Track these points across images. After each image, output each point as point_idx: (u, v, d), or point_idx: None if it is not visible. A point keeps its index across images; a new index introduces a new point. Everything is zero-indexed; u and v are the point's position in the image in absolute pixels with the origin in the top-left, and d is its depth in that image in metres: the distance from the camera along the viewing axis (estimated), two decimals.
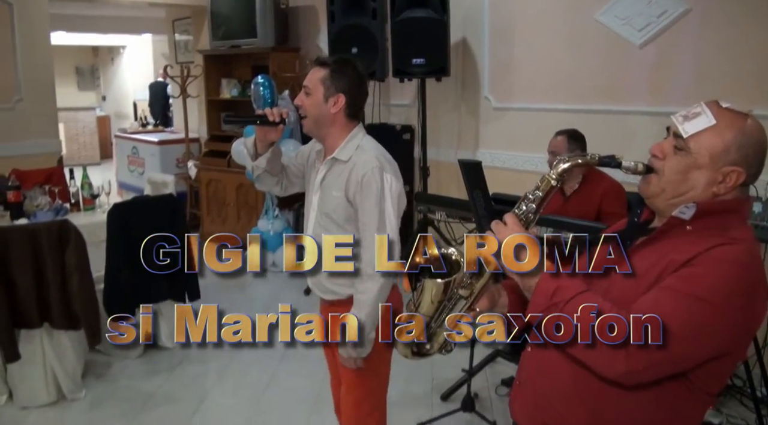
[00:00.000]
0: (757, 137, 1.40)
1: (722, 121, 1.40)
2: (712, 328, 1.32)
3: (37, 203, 4.38)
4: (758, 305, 1.37)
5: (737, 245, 1.36)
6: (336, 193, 2.31)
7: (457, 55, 5.08)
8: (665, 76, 3.96)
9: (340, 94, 2.28)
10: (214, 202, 6.87)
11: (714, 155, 1.40)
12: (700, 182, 1.42)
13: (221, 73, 6.87)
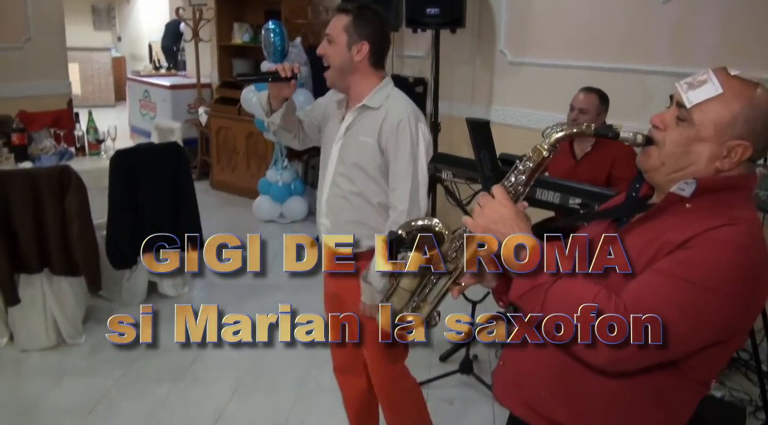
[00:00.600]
0: (766, 108, 1.28)
1: (730, 90, 1.27)
2: (709, 316, 1.22)
3: (42, 147, 4.34)
4: (759, 290, 1.26)
5: (738, 226, 1.25)
6: (366, 138, 2.28)
7: (474, 6, 4.91)
8: (688, 35, 3.80)
9: (364, 41, 2.23)
10: (224, 150, 6.80)
11: (719, 127, 1.28)
12: (702, 156, 1.31)
13: (233, 17, 6.72)
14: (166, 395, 3.33)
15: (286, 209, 5.89)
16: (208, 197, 6.82)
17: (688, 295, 1.21)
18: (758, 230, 1.29)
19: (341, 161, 2.35)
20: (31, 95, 6.04)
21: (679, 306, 1.21)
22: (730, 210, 1.28)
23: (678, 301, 1.21)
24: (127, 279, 4.20)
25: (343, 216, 2.36)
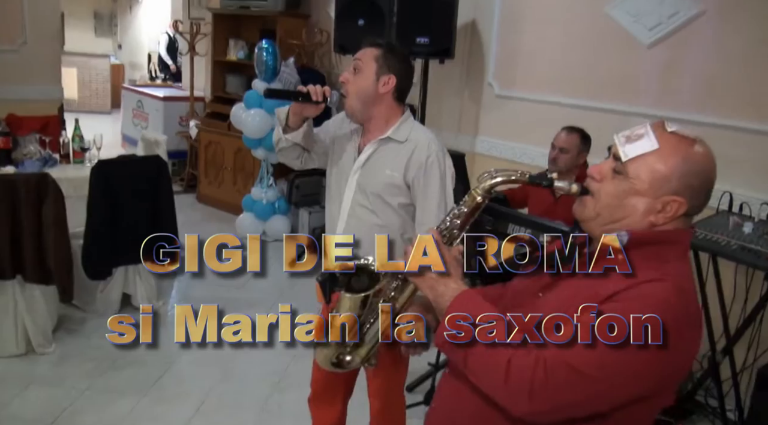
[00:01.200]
0: (703, 165, 1.30)
1: (666, 146, 1.30)
2: (631, 372, 1.21)
3: (26, 152, 4.34)
4: (684, 347, 1.26)
5: (666, 282, 1.24)
6: (392, 172, 2.29)
7: (465, 37, 4.95)
8: (672, 79, 3.83)
9: (392, 75, 2.27)
10: (212, 164, 6.81)
11: (654, 182, 1.30)
12: (637, 210, 1.32)
13: (230, 34, 6.76)
14: (130, 410, 3.31)
15: (268, 227, 5.89)
16: (194, 210, 6.83)
17: (609, 352, 1.19)
18: (688, 284, 1.29)
19: (361, 192, 2.35)
20: (22, 99, 6.05)
21: (597, 359, 1.19)
22: (661, 265, 1.28)
23: (597, 353, 1.19)
24: (101, 290, 4.19)
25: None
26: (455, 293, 1.32)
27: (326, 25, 5.82)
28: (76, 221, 3.97)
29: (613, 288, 1.25)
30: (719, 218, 3.27)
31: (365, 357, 1.52)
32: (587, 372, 1.19)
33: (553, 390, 1.19)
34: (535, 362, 1.19)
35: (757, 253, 2.92)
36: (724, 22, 3.59)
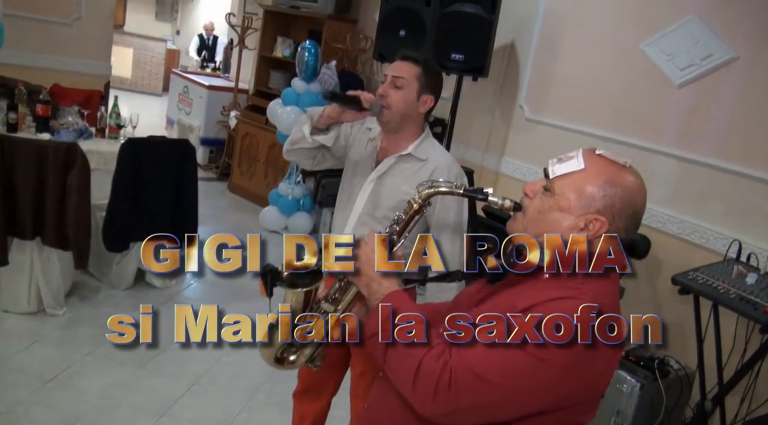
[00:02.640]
0: (626, 188, 1.34)
1: (592, 167, 1.35)
2: (531, 383, 1.24)
3: (63, 122, 4.49)
4: (593, 366, 1.28)
5: (578, 300, 1.26)
6: (409, 189, 2.24)
7: (503, 58, 5.00)
8: (698, 121, 3.82)
9: (431, 95, 2.33)
10: (246, 156, 6.95)
11: (577, 200, 1.34)
12: (560, 226, 1.36)
13: (279, 31, 6.91)
14: (125, 379, 3.42)
15: (291, 222, 5.98)
16: (224, 198, 6.97)
17: (515, 360, 1.23)
18: (604, 307, 1.28)
19: (374, 204, 2.38)
20: (71, 71, 6.26)
21: (498, 367, 1.24)
22: (582, 283, 1.32)
23: (504, 366, 1.24)
24: (117, 263, 4.32)
25: None
26: (387, 291, 1.38)
27: (372, 32, 5.89)
28: (101, 194, 4.11)
29: (528, 302, 1.29)
30: (724, 266, 3.25)
31: (309, 357, 1.54)
32: (489, 379, 1.23)
33: (455, 394, 1.23)
34: (443, 365, 1.24)
35: (755, 305, 2.90)
36: (756, 71, 3.57)
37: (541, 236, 1.38)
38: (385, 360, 1.33)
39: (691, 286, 3.11)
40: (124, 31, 12.99)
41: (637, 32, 4.11)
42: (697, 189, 3.81)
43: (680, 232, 3.84)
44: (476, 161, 5.19)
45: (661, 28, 3.98)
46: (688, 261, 3.56)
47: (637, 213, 1.36)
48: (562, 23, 4.64)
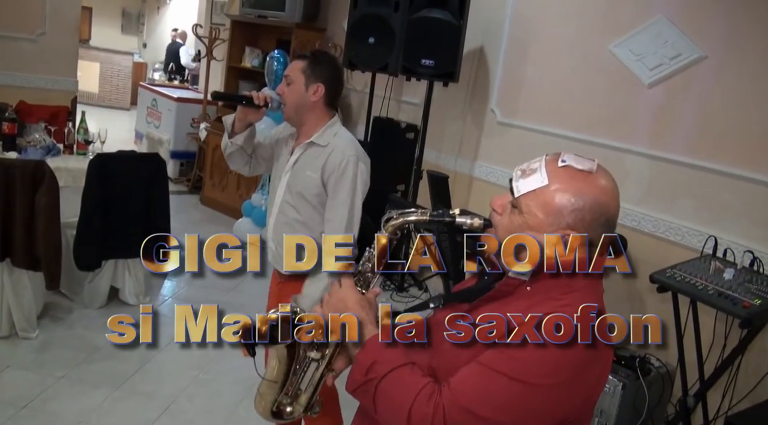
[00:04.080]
0: (595, 198, 1.28)
1: (556, 181, 1.29)
2: (530, 410, 1.22)
3: (30, 139, 4.41)
4: (586, 378, 1.25)
5: (559, 316, 1.23)
6: (311, 173, 2.46)
7: (472, 62, 5.00)
8: (669, 120, 3.85)
9: (320, 83, 2.46)
10: (218, 168, 6.88)
11: (545, 217, 1.29)
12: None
13: (246, 41, 6.86)
14: (101, 401, 3.33)
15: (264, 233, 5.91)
16: (196, 211, 6.89)
17: (506, 391, 1.21)
18: (590, 317, 1.26)
19: (288, 190, 2.53)
20: (37, 87, 6.17)
21: (496, 405, 1.21)
22: (566, 295, 1.28)
23: (495, 399, 1.21)
24: (90, 281, 4.23)
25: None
26: (366, 339, 1.35)
27: (340, 40, 5.87)
28: (71, 211, 4.03)
29: (515, 321, 1.26)
30: (701, 262, 3.27)
31: (306, 405, 1.49)
32: (482, 414, 1.21)
33: None
34: (435, 407, 1.22)
35: (733, 300, 2.92)
36: (725, 70, 3.60)
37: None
38: (375, 410, 1.30)
39: (670, 284, 3.12)
40: (90, 45, 12.85)
41: (606, 34, 4.14)
42: (670, 187, 3.84)
43: (655, 230, 3.87)
44: (449, 166, 5.18)
45: (629, 29, 4.01)
46: (664, 259, 3.57)
47: (610, 219, 1.31)
48: (530, 27, 4.66)
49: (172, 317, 4.55)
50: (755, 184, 3.46)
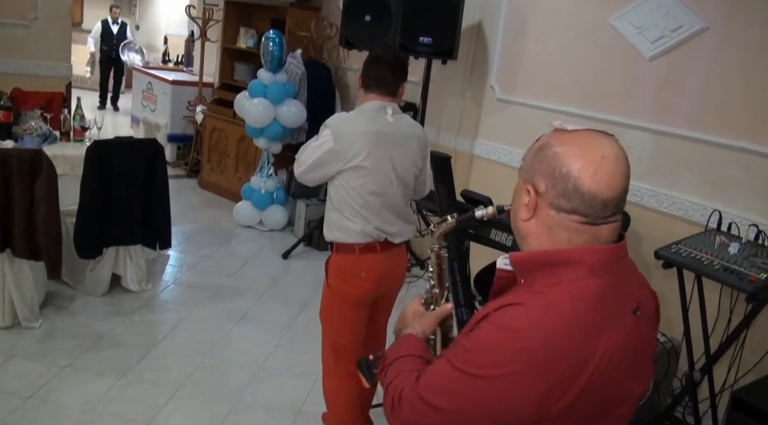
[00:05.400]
0: (539, 145, 1.25)
1: (538, 141, 1.27)
2: (467, 400, 1.18)
3: (26, 127, 4.37)
4: (537, 378, 1.14)
5: (518, 309, 1.17)
6: None
7: (471, 39, 4.94)
8: (670, 93, 3.80)
9: (360, 72, 2.77)
10: (215, 151, 6.84)
11: (520, 174, 1.28)
12: (517, 205, 1.29)
13: (241, 22, 6.79)
14: (106, 390, 3.32)
15: (265, 216, 5.90)
16: (195, 195, 6.86)
17: (451, 380, 1.21)
18: (553, 318, 1.16)
19: None
20: (31, 74, 6.11)
21: (444, 391, 1.22)
22: (550, 288, 1.19)
23: (444, 386, 1.22)
24: (91, 269, 4.22)
25: None
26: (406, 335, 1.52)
27: (336, 19, 5.81)
28: (70, 199, 4.01)
29: (484, 312, 1.24)
30: (706, 237, 3.25)
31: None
32: (427, 398, 1.24)
33: (402, 413, 1.29)
34: (399, 392, 1.31)
35: (739, 274, 2.89)
36: (727, 41, 3.55)
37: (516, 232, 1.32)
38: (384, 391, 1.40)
39: (675, 259, 3.10)
40: (82, 28, 12.70)
41: (606, 6, 4.08)
42: (673, 161, 3.80)
43: (658, 205, 3.84)
44: (449, 145, 5.14)
45: (630, 1, 3.95)
46: (668, 234, 3.55)
47: (579, 189, 1.17)
48: (529, 1, 4.60)
49: (174, 303, 4.62)
50: (759, 156, 3.42)
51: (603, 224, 1.21)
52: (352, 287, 2.72)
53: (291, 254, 5.38)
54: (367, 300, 2.79)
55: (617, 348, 1.18)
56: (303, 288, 4.77)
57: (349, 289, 2.72)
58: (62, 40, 6.55)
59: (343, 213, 2.66)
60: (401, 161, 2.70)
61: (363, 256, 2.67)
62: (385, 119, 2.68)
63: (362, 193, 2.63)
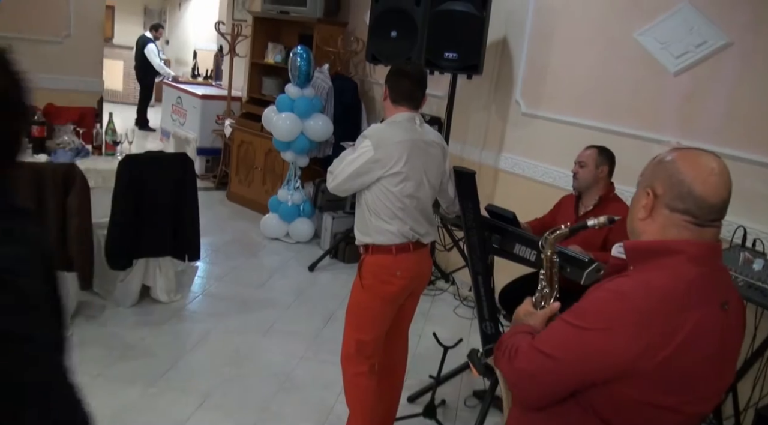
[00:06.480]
0: (677, 164, 1.48)
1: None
2: (580, 351, 1.44)
3: (60, 141, 4.48)
4: (637, 336, 1.38)
5: (628, 278, 1.46)
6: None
7: (496, 54, 4.98)
8: (695, 109, 3.80)
9: (385, 83, 2.93)
10: (243, 163, 6.93)
11: (640, 181, 1.57)
12: (635, 210, 1.57)
13: (269, 37, 6.88)
14: (136, 399, 3.39)
15: (292, 229, 5.97)
16: (223, 207, 6.96)
17: (563, 333, 1.48)
18: (654, 289, 1.41)
19: None
20: (64, 89, 6.24)
21: (556, 343, 1.49)
22: (646, 271, 1.46)
23: (557, 338, 1.50)
24: (122, 280, 4.30)
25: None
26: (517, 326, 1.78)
27: (362, 34, 5.88)
28: (102, 212, 4.10)
29: (598, 284, 1.54)
30: (730, 253, 3.24)
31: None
32: (542, 348, 1.50)
33: (516, 360, 1.56)
34: (517, 345, 1.58)
35: (764, 291, 2.89)
36: (750, 56, 3.55)
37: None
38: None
39: None
40: (113, 44, 12.95)
41: (630, 21, 4.10)
42: None
43: None
44: (474, 159, 5.18)
45: (654, 16, 3.97)
46: None
47: (693, 192, 1.44)
48: (553, 16, 4.63)
49: (203, 313, 4.68)
50: None
51: (708, 227, 1.46)
52: (389, 285, 2.89)
53: (317, 267, 5.43)
54: (402, 297, 2.97)
55: (704, 330, 1.42)
56: (329, 300, 4.82)
57: (386, 287, 2.89)
58: (94, 56, 6.71)
59: (381, 217, 2.83)
60: (431, 167, 2.90)
61: (399, 255, 2.86)
62: (416, 129, 2.88)
63: (400, 197, 2.81)
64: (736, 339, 1.56)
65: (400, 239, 2.85)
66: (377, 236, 2.86)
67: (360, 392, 3.00)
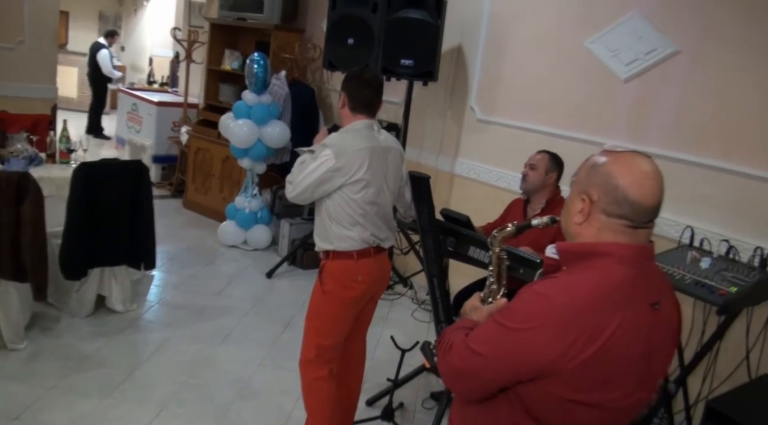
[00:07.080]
0: (609, 168, 1.50)
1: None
2: (500, 346, 1.49)
3: (13, 150, 4.40)
4: (556, 334, 1.42)
5: (554, 280, 1.50)
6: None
7: (451, 61, 5.05)
8: (645, 114, 3.91)
9: (342, 91, 2.94)
10: (200, 171, 6.89)
11: (574, 185, 1.59)
12: (570, 215, 1.60)
13: (226, 44, 6.86)
14: (92, 410, 3.34)
15: (250, 236, 5.95)
16: (179, 215, 6.89)
17: (491, 331, 1.54)
18: (579, 291, 1.45)
19: None
20: (17, 96, 6.14)
21: (485, 341, 1.54)
22: (575, 273, 1.50)
23: (486, 337, 1.54)
24: (77, 290, 4.24)
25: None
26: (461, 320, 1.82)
27: (320, 41, 5.90)
28: (56, 221, 4.04)
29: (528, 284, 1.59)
30: (678, 252, 3.34)
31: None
32: (471, 346, 1.55)
33: (449, 357, 1.61)
34: (450, 344, 1.63)
35: (710, 288, 2.98)
36: (699, 63, 3.67)
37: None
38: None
39: None
40: (67, 50, 12.74)
41: (581, 30, 4.20)
42: None
43: None
44: (431, 164, 5.23)
45: (605, 25, 4.07)
46: None
47: (628, 198, 1.47)
48: (507, 25, 4.72)
49: (159, 322, 4.64)
50: (730, 174, 3.53)
51: (642, 229, 1.50)
52: (350, 290, 2.92)
53: (275, 273, 5.43)
54: (363, 301, 3.01)
55: (630, 330, 1.45)
56: (287, 307, 4.82)
57: (348, 292, 2.92)
58: (48, 62, 6.60)
59: (342, 224, 2.86)
60: (390, 173, 2.95)
61: (360, 261, 2.89)
62: (375, 136, 2.92)
63: (362, 203, 2.84)
64: (668, 336, 1.59)
65: (360, 245, 2.88)
66: (338, 242, 2.88)
67: (320, 396, 3.01)
